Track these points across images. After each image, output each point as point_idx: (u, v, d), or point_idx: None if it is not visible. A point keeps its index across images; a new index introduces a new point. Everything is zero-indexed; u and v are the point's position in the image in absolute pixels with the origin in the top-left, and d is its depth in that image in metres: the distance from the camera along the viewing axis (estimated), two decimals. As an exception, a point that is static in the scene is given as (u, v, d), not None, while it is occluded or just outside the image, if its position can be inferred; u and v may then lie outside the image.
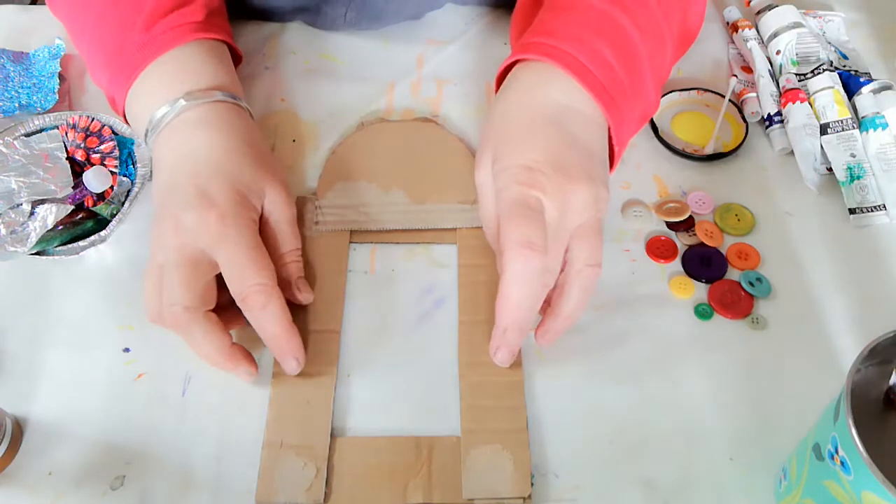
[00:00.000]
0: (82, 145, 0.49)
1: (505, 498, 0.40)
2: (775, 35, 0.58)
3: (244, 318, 0.42)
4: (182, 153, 0.45)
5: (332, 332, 0.45)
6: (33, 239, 0.45)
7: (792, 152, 0.53)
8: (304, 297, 0.45)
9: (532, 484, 0.40)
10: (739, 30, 0.60)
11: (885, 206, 0.50)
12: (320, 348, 0.44)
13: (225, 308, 0.43)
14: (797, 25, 0.58)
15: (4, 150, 0.48)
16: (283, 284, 0.44)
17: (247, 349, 0.43)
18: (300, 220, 0.49)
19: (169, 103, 0.46)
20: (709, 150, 0.53)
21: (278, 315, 0.42)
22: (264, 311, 0.41)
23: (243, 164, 0.45)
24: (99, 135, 0.49)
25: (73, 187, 0.47)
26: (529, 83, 0.46)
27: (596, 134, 0.45)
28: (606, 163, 0.46)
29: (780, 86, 0.56)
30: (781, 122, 0.54)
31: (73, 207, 0.47)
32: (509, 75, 0.48)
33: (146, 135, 0.47)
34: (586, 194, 0.42)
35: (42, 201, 0.46)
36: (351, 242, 0.49)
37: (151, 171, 0.49)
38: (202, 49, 0.49)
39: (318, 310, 0.46)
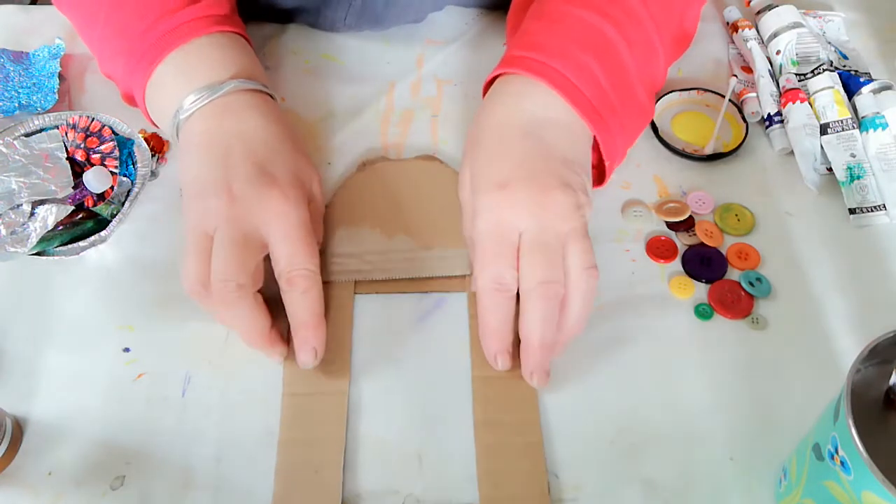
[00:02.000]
0: (82, 145, 0.49)
1: None
2: (775, 35, 0.58)
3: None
4: (234, 131, 0.44)
5: (340, 394, 0.43)
6: (33, 239, 0.45)
7: (792, 152, 0.53)
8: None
9: None
10: (739, 30, 0.60)
11: (885, 206, 0.50)
12: (328, 411, 0.42)
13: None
14: (797, 25, 0.58)
15: (4, 150, 0.48)
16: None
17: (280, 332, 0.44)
18: None
19: (216, 82, 0.45)
20: (709, 150, 0.53)
21: (316, 303, 0.43)
22: (305, 296, 0.42)
23: (295, 150, 0.46)
24: (99, 135, 0.49)
25: (74, 187, 0.47)
26: (509, 97, 0.47)
27: (572, 141, 0.45)
28: (586, 168, 0.46)
29: (780, 86, 0.56)
30: (781, 122, 0.54)
31: (73, 208, 0.47)
32: (492, 87, 0.49)
33: (177, 113, 0.46)
34: (564, 202, 0.42)
35: (42, 201, 0.46)
36: (356, 293, 0.47)
37: (151, 167, 0.49)
38: (236, 40, 0.49)
39: (324, 370, 0.44)
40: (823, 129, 0.53)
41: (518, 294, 0.42)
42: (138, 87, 0.48)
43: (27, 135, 0.50)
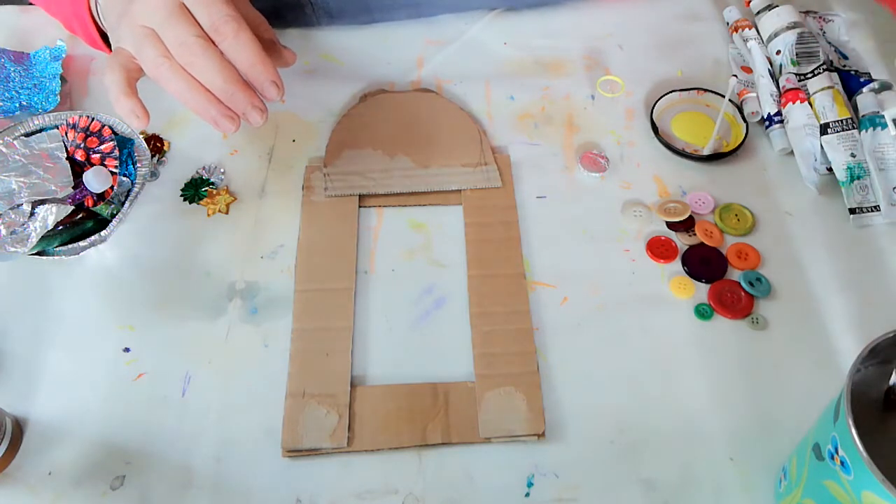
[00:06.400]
0: (82, 145, 0.49)
1: (520, 435, 0.41)
2: (775, 35, 0.58)
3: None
4: None
5: (347, 290, 0.47)
6: (34, 239, 0.45)
7: (792, 152, 0.53)
8: (287, 54, 0.50)
9: (543, 432, 0.42)
10: (739, 30, 0.60)
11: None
12: (337, 304, 0.47)
13: None
14: (797, 25, 0.57)
15: (4, 150, 0.48)
16: (266, 46, 0.46)
17: None
18: (310, 187, 0.52)
19: None
20: (709, 150, 0.53)
21: (252, 41, 0.43)
22: (238, 39, 0.43)
23: None
24: (99, 135, 0.49)
25: (74, 187, 0.47)
26: None
27: None
28: None
29: (780, 86, 0.56)
30: (781, 122, 0.54)
31: (73, 207, 0.47)
32: None
33: None
34: None
35: (42, 201, 0.46)
36: (360, 207, 0.51)
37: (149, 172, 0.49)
38: None
39: (332, 269, 0.48)
40: (823, 129, 0.53)
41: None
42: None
43: (27, 135, 0.50)
